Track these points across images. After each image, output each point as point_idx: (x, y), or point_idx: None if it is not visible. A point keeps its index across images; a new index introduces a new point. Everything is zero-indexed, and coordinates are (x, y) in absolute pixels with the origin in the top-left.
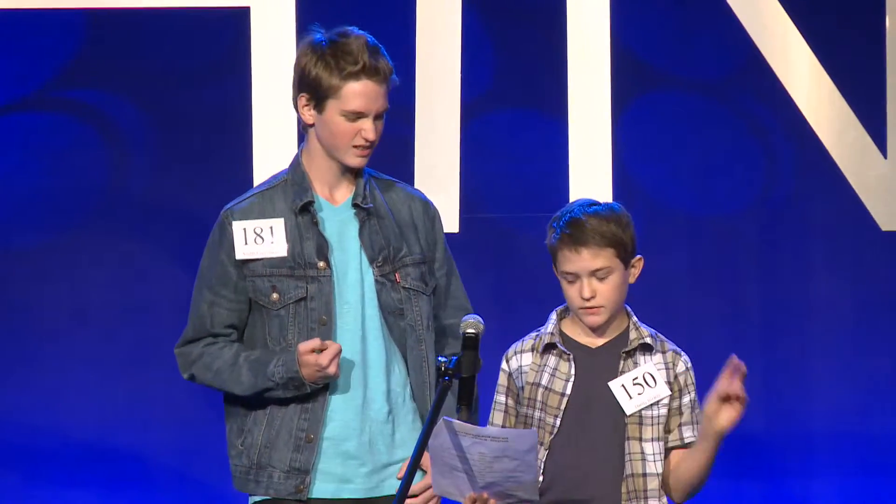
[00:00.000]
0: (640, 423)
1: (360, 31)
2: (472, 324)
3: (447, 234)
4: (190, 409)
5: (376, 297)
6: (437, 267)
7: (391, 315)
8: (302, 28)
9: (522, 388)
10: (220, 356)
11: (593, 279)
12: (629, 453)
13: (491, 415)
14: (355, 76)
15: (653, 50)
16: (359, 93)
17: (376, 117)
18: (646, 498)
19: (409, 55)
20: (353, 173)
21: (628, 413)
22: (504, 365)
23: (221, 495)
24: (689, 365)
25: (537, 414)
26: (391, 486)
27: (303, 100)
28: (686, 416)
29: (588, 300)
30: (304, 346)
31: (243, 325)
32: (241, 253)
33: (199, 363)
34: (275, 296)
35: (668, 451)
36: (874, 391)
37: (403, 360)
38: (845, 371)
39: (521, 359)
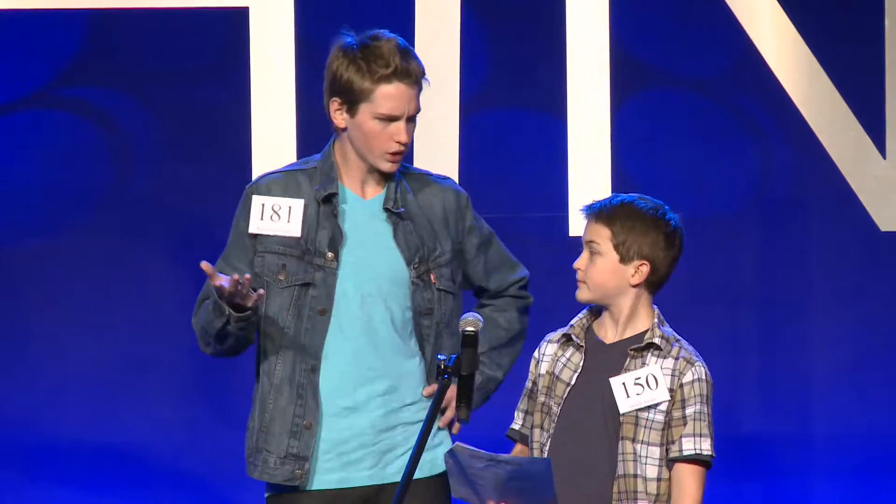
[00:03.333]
0: (636, 424)
1: (391, 34)
2: (471, 322)
3: None
4: (187, 408)
5: (410, 297)
6: (474, 254)
7: (420, 314)
8: (300, 28)
9: (541, 375)
10: (205, 306)
11: (587, 251)
12: (622, 453)
13: (520, 400)
14: (387, 79)
15: (652, 48)
16: (391, 96)
17: (408, 119)
18: (636, 500)
19: None
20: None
21: (622, 411)
22: (535, 352)
23: (218, 494)
24: (703, 377)
25: (543, 399)
26: (397, 474)
27: (335, 104)
28: (689, 428)
29: (576, 270)
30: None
31: None
32: (255, 227)
33: (196, 321)
34: (282, 275)
35: (670, 462)
36: (873, 392)
37: (422, 355)
38: (844, 371)
39: (546, 348)
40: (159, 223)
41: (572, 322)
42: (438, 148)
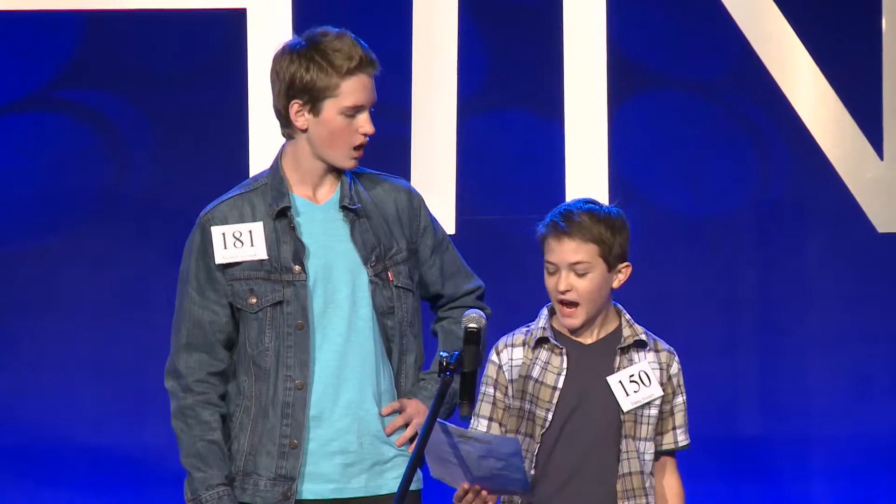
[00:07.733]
0: (636, 422)
1: (336, 29)
2: (473, 318)
3: None
4: None
5: (370, 297)
6: (428, 255)
7: (382, 315)
8: (298, 29)
9: (513, 381)
10: (198, 424)
11: (572, 273)
12: (626, 451)
13: (478, 406)
14: (353, 72)
15: (649, 51)
16: (358, 87)
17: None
18: (645, 496)
19: (406, 56)
20: (336, 172)
21: (625, 409)
22: (494, 357)
23: None
24: (679, 365)
25: (527, 406)
26: (388, 485)
27: (295, 106)
28: (679, 419)
29: (563, 293)
30: None
31: (234, 334)
32: (221, 257)
33: (184, 408)
34: (252, 299)
35: (658, 454)
36: (871, 392)
37: (388, 357)
38: (842, 373)
39: (511, 353)
40: (157, 225)
41: (537, 325)
42: (435, 150)
